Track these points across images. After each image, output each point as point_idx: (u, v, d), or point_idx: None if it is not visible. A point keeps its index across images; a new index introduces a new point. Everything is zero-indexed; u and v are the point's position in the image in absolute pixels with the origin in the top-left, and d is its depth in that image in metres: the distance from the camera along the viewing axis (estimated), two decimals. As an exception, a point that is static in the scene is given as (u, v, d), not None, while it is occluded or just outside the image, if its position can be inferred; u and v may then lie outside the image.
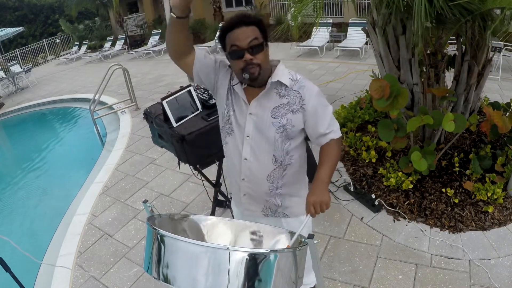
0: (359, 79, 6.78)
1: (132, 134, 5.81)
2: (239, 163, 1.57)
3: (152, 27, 16.73)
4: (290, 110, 1.49)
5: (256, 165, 1.54)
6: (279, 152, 1.53)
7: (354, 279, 2.49)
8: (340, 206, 3.27)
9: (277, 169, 1.56)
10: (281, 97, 1.50)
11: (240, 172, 1.58)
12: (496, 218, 2.82)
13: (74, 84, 11.20)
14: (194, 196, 3.77)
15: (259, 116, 1.50)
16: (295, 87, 1.50)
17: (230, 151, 1.61)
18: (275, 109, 1.49)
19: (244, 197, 1.65)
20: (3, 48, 18.70)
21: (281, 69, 1.51)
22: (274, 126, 1.49)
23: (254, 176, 1.57)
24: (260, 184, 1.58)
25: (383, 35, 3.62)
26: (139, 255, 3.02)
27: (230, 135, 1.58)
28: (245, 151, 1.54)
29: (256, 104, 1.50)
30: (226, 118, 1.57)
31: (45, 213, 4.59)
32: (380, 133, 3.14)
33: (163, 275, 1.11)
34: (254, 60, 1.39)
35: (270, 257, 1.11)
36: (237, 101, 1.54)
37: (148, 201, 1.44)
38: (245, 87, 1.52)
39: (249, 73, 1.39)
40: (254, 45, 1.39)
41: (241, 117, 1.53)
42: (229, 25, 1.41)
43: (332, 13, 12.37)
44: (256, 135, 1.51)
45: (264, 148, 1.52)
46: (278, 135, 1.50)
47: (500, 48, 5.75)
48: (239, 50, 1.39)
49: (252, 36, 1.39)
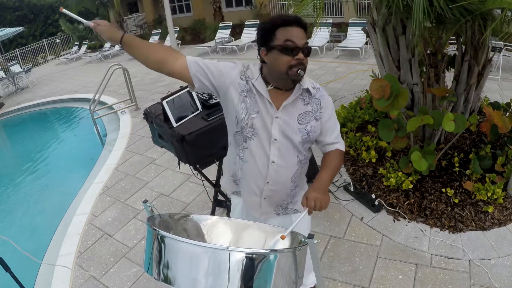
0: (359, 79, 6.78)
1: (132, 134, 5.81)
2: (266, 166, 1.54)
3: (152, 27, 16.75)
4: (313, 117, 1.54)
5: (284, 167, 1.56)
6: (302, 154, 1.59)
7: (354, 279, 2.49)
8: (340, 206, 3.27)
9: (299, 169, 1.62)
10: (306, 104, 1.53)
11: (265, 175, 1.56)
12: (496, 218, 2.82)
13: (74, 84, 11.20)
14: (194, 196, 3.78)
15: (285, 121, 1.50)
16: (317, 95, 1.55)
17: (254, 155, 1.54)
18: (301, 116, 1.52)
19: (264, 200, 1.64)
20: (3, 48, 18.73)
21: (306, 77, 1.53)
22: (300, 132, 1.53)
23: (281, 178, 1.58)
24: (285, 186, 1.62)
25: (383, 35, 3.62)
26: (139, 255, 3.03)
27: (252, 139, 1.52)
28: (272, 154, 1.53)
29: (282, 108, 1.50)
30: (246, 122, 1.50)
31: (45, 213, 4.59)
32: (380, 133, 3.14)
33: (163, 275, 1.11)
34: (304, 61, 1.42)
35: (270, 257, 1.11)
36: (262, 102, 1.49)
37: (148, 201, 1.44)
38: (270, 89, 1.50)
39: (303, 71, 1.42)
40: (307, 47, 1.43)
41: (266, 120, 1.49)
42: (286, 21, 1.41)
43: (332, 13, 12.38)
44: (283, 139, 1.52)
45: (291, 151, 1.55)
46: (303, 141, 1.55)
47: (500, 48, 5.75)
48: (295, 47, 1.39)
49: (306, 39, 1.44)
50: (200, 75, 1.48)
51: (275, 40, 1.41)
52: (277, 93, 1.50)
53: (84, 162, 5.65)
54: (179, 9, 17.59)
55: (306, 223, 1.76)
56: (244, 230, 1.53)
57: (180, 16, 17.12)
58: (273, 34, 1.41)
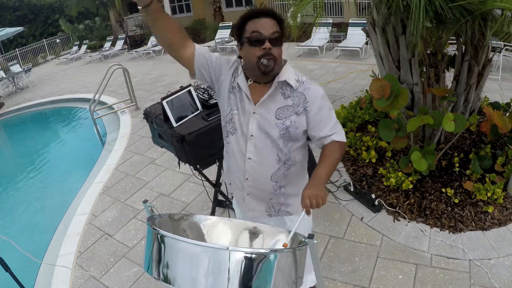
0: (359, 79, 6.78)
1: (132, 134, 5.81)
2: (243, 162, 1.56)
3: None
4: (294, 112, 1.49)
5: (260, 164, 1.54)
6: (283, 152, 1.53)
7: (354, 279, 2.49)
8: (340, 206, 3.27)
9: (281, 168, 1.56)
10: (286, 98, 1.49)
11: (244, 171, 1.57)
12: (496, 218, 2.82)
13: (74, 84, 11.20)
14: (194, 196, 3.77)
15: (263, 116, 1.49)
16: (300, 89, 1.50)
17: (233, 150, 1.59)
18: (279, 110, 1.49)
19: (247, 196, 1.64)
20: (3, 48, 18.71)
21: (287, 69, 1.51)
22: (277, 127, 1.49)
23: (258, 175, 1.56)
24: (264, 184, 1.58)
25: (383, 35, 3.62)
26: (139, 255, 3.02)
27: (233, 134, 1.56)
28: (249, 150, 1.53)
29: (260, 103, 1.49)
30: (229, 117, 1.55)
31: (45, 213, 4.59)
32: (380, 133, 3.14)
33: (163, 275, 1.11)
34: (272, 51, 1.40)
35: (270, 257, 1.11)
36: (241, 98, 1.52)
37: (148, 201, 1.44)
38: (250, 84, 1.52)
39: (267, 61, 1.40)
40: (275, 37, 1.41)
41: (244, 115, 1.52)
42: (255, 13, 1.43)
43: (332, 13, 12.37)
44: (260, 135, 1.50)
45: (268, 147, 1.52)
46: (281, 136, 1.50)
47: (500, 48, 5.75)
48: (261, 37, 1.39)
49: (275, 29, 1.41)
50: (203, 68, 1.56)
51: (245, 33, 1.44)
52: (257, 87, 1.51)
53: (84, 162, 5.65)
54: (179, 9, 17.58)
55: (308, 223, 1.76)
56: (244, 230, 1.53)
57: (180, 16, 17.11)
58: (243, 28, 1.44)
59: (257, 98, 1.50)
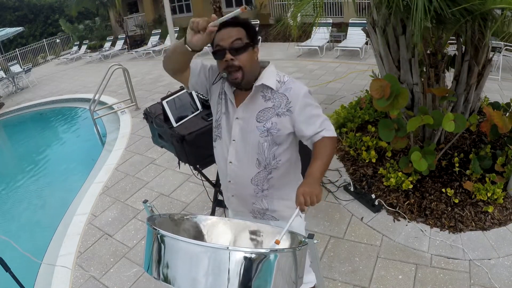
0: (359, 79, 6.78)
1: (132, 134, 5.81)
2: (225, 166, 1.59)
3: (152, 27, 16.74)
4: (275, 113, 1.47)
5: (240, 168, 1.55)
6: (263, 156, 1.51)
7: (354, 279, 2.49)
8: (340, 206, 3.27)
9: (261, 172, 1.54)
10: (266, 101, 1.48)
11: (226, 175, 1.61)
12: (496, 218, 2.82)
13: (74, 84, 11.20)
14: (194, 196, 3.77)
15: (245, 120, 1.50)
16: (281, 90, 1.48)
17: (218, 154, 1.64)
18: (260, 113, 1.48)
19: (232, 197, 1.67)
20: (3, 48, 18.71)
21: (268, 71, 1.49)
22: (258, 130, 1.48)
23: (239, 178, 1.58)
24: (245, 187, 1.59)
25: (383, 35, 3.62)
26: (139, 255, 3.02)
27: (219, 139, 1.60)
28: (230, 154, 1.55)
29: (243, 108, 1.50)
30: (218, 123, 1.59)
31: (45, 213, 4.59)
32: (380, 133, 3.14)
33: (163, 275, 1.11)
34: (235, 62, 1.38)
35: (270, 257, 1.11)
36: (226, 104, 1.56)
37: (148, 201, 1.44)
38: (235, 90, 1.53)
39: (229, 74, 1.41)
40: (236, 46, 1.38)
41: (228, 121, 1.55)
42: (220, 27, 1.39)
43: (332, 13, 12.37)
44: (241, 139, 1.52)
45: (247, 151, 1.52)
46: (262, 139, 1.48)
47: (500, 48, 5.75)
48: (221, 50, 1.39)
49: (235, 37, 1.38)
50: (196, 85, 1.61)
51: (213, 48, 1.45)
52: (240, 93, 1.53)
53: (84, 162, 5.66)
54: (179, 9, 17.58)
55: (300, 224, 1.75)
56: (244, 230, 1.53)
57: (180, 16, 17.11)
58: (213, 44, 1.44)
59: (239, 104, 1.52)
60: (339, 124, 4.29)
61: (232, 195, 1.66)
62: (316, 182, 1.35)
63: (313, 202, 1.31)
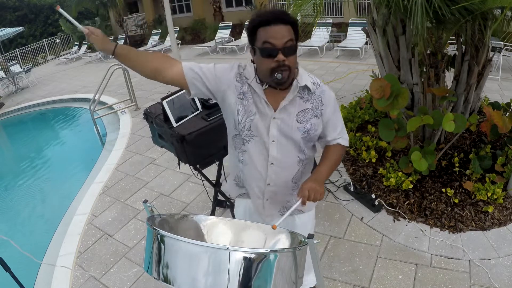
0: (359, 79, 6.79)
1: (132, 134, 5.82)
2: (265, 169, 1.54)
3: (152, 27, 16.75)
4: (314, 114, 1.49)
5: (283, 168, 1.54)
6: (303, 155, 1.56)
7: (354, 279, 2.49)
8: (340, 206, 3.27)
9: (300, 169, 1.59)
10: (305, 102, 1.48)
11: (265, 177, 1.56)
12: (496, 218, 2.82)
13: (74, 84, 11.20)
14: (194, 196, 3.77)
15: (284, 121, 1.46)
16: (317, 92, 1.49)
17: (253, 158, 1.53)
18: (299, 114, 1.47)
19: (267, 202, 1.64)
20: (3, 48, 18.73)
21: (303, 72, 1.48)
22: (299, 131, 1.48)
23: (281, 179, 1.57)
24: (285, 186, 1.59)
25: (383, 35, 3.62)
26: (139, 255, 3.02)
27: (250, 142, 1.51)
28: (271, 155, 1.51)
29: (282, 108, 1.45)
30: (243, 124, 1.48)
31: (45, 213, 4.59)
32: (380, 133, 3.14)
33: (163, 275, 1.11)
34: (286, 62, 1.34)
35: (270, 257, 1.11)
36: (257, 104, 1.46)
37: (148, 201, 1.44)
38: (266, 89, 1.45)
39: (281, 75, 1.34)
40: (289, 46, 1.33)
41: (264, 121, 1.47)
42: (265, 19, 1.32)
43: (332, 13, 12.37)
44: (282, 139, 1.48)
45: (290, 151, 1.52)
46: (303, 140, 1.51)
47: (500, 48, 5.75)
48: (273, 49, 1.31)
49: (289, 37, 1.32)
50: (196, 81, 1.47)
51: (256, 42, 1.36)
52: (274, 92, 1.45)
53: (84, 162, 5.65)
54: (179, 9, 17.59)
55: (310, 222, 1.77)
56: (244, 230, 1.53)
57: (180, 16, 17.12)
58: (255, 34, 1.36)
59: (274, 103, 1.45)
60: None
61: (267, 199, 1.63)
62: (322, 181, 1.44)
63: (316, 199, 1.37)
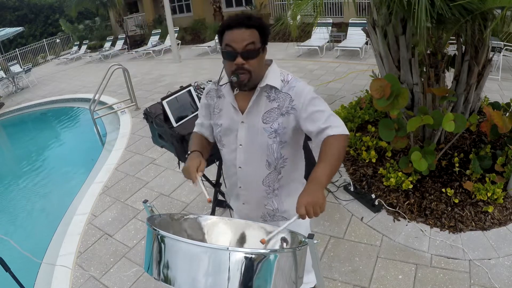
0: (359, 79, 6.78)
1: (132, 134, 5.82)
2: (235, 172, 1.58)
3: (152, 27, 16.74)
4: (280, 113, 1.44)
5: (250, 172, 1.54)
6: (273, 157, 1.50)
7: (354, 279, 2.49)
8: (340, 206, 3.27)
9: (272, 173, 1.53)
10: (271, 101, 1.45)
11: (236, 181, 1.60)
12: (496, 218, 2.82)
13: (74, 84, 11.20)
14: (194, 196, 3.77)
15: (250, 123, 1.47)
16: (284, 89, 1.44)
17: (226, 161, 1.61)
18: (266, 114, 1.45)
19: (243, 205, 1.66)
20: (3, 48, 18.72)
21: (272, 71, 1.46)
22: (266, 131, 1.45)
23: (250, 183, 1.57)
24: (257, 190, 1.58)
25: (383, 35, 3.62)
26: (139, 255, 3.03)
27: (223, 148, 1.58)
28: (238, 159, 1.53)
29: (248, 111, 1.47)
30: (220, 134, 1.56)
31: (45, 213, 4.59)
32: (380, 133, 3.14)
33: (163, 275, 1.11)
34: (245, 66, 1.34)
35: (270, 257, 1.11)
36: (227, 108, 1.51)
37: (148, 201, 1.44)
38: (237, 93, 1.48)
39: (238, 78, 1.35)
40: (249, 49, 1.33)
41: (232, 125, 1.50)
42: (228, 24, 1.35)
43: (332, 13, 12.38)
44: (249, 143, 1.49)
45: (256, 154, 1.49)
46: (271, 141, 1.46)
47: (500, 48, 5.75)
48: (233, 52, 1.33)
49: (249, 40, 1.32)
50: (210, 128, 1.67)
51: (222, 45, 1.38)
52: (243, 95, 1.47)
53: (84, 162, 5.65)
54: (179, 9, 17.58)
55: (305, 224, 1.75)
56: (244, 230, 1.53)
57: (180, 16, 17.12)
58: (222, 38, 1.38)
59: (243, 106, 1.48)
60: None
61: (243, 202, 1.65)
62: (320, 188, 1.23)
63: (317, 213, 1.20)
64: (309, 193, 1.21)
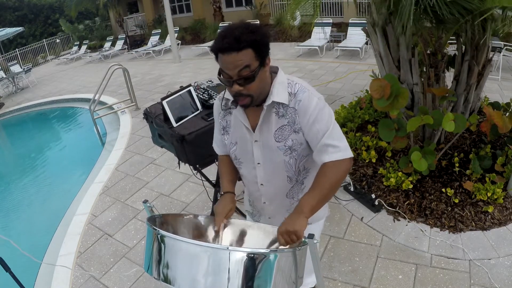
0: (359, 79, 6.78)
1: (132, 134, 5.82)
2: (257, 189, 1.56)
3: (152, 27, 16.74)
4: (292, 130, 1.36)
5: (273, 188, 1.52)
6: (292, 172, 1.46)
7: (354, 279, 2.49)
8: (340, 206, 3.27)
9: (295, 186, 1.52)
10: (280, 117, 1.36)
11: (259, 197, 1.58)
12: (496, 218, 2.82)
13: (74, 84, 11.20)
14: (194, 196, 3.78)
15: (264, 142, 1.41)
16: (292, 104, 1.34)
17: (247, 180, 1.58)
18: (277, 132, 1.37)
19: (269, 220, 1.66)
20: (3, 48, 18.74)
21: (278, 83, 1.34)
22: (280, 150, 1.39)
23: (274, 198, 1.56)
24: (282, 203, 1.58)
25: (383, 35, 3.62)
26: (139, 255, 3.03)
27: (241, 168, 1.56)
28: (259, 177, 1.51)
29: (258, 130, 1.40)
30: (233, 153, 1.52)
31: (45, 213, 4.59)
32: (380, 133, 3.14)
33: (163, 275, 1.11)
34: (243, 92, 1.24)
35: (270, 257, 1.11)
36: (241, 129, 1.45)
37: (148, 201, 1.44)
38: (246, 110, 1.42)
39: (236, 103, 1.32)
40: (244, 75, 1.20)
41: (247, 144, 1.46)
42: (216, 48, 1.21)
43: (332, 13, 12.38)
44: (266, 161, 1.45)
45: (276, 171, 1.46)
46: (287, 157, 1.40)
47: (500, 48, 5.75)
48: (228, 80, 1.23)
49: (242, 65, 1.18)
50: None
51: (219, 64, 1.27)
52: (252, 111, 1.40)
53: (84, 162, 5.65)
54: (179, 9, 17.59)
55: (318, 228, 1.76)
56: (245, 230, 1.53)
57: (180, 16, 17.12)
58: (217, 58, 1.25)
59: (255, 121, 1.41)
60: (339, 124, 4.28)
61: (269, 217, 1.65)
62: (300, 217, 1.24)
63: (293, 241, 1.23)
64: (287, 223, 1.26)
